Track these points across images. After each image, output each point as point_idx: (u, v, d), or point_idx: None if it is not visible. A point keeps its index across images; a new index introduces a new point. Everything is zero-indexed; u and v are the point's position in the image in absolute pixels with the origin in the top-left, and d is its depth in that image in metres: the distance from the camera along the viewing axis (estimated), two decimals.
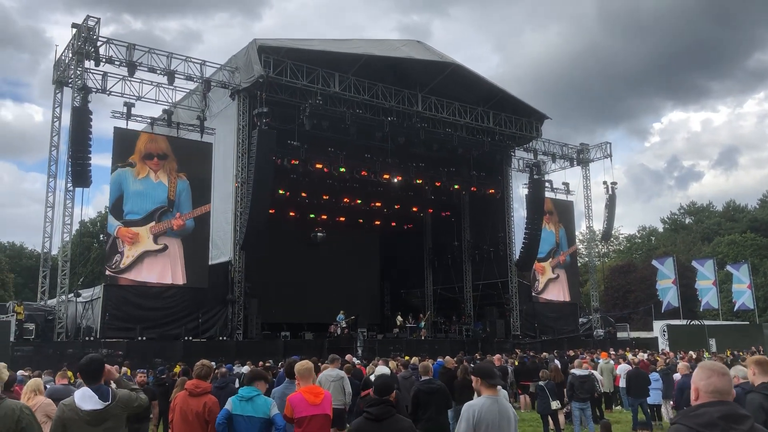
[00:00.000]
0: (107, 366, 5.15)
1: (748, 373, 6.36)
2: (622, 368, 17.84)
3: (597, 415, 15.44)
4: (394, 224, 40.22)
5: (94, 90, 23.93)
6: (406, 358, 19.35)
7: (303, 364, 6.92)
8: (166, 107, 25.98)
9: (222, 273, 25.49)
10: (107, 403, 4.81)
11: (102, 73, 24.33)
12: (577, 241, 40.68)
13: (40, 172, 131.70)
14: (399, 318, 33.43)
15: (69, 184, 23.94)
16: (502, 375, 13.75)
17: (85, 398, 4.80)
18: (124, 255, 23.71)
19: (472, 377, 5.40)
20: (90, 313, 25.06)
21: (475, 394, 5.45)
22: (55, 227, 25.17)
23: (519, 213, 34.97)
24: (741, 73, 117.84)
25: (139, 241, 23.98)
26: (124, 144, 24.38)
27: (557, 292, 35.87)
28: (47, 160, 26.15)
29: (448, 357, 15.73)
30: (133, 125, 25.10)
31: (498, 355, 20.09)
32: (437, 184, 33.79)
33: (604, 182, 37.37)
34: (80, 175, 22.73)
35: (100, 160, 70.85)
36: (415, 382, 9.72)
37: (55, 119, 25.94)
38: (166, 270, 24.26)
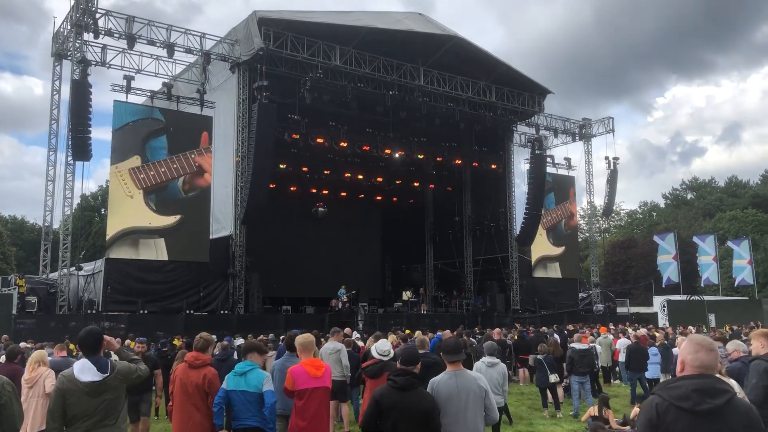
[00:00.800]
0: (107, 337, 5.18)
1: (754, 345, 6.39)
2: (621, 343, 17.94)
3: (596, 389, 15.57)
4: (395, 199, 40.18)
5: (94, 63, 23.75)
6: (407, 331, 19.46)
7: (305, 337, 6.96)
8: (166, 80, 25.78)
9: (223, 247, 25.54)
10: (106, 375, 4.84)
11: (101, 45, 24.12)
12: (578, 216, 40.65)
13: (40, 145, 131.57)
14: (407, 293, 33.35)
15: (69, 158, 23.93)
16: (501, 349, 13.87)
17: (84, 370, 4.84)
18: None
19: None
20: (92, 286, 25.18)
21: None
22: (56, 201, 25.26)
23: (520, 188, 34.92)
24: (747, 46, 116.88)
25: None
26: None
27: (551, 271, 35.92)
28: (47, 133, 26.13)
29: (447, 331, 15.84)
30: (132, 98, 24.94)
31: (497, 329, 20.18)
32: (439, 159, 33.65)
33: (606, 157, 37.22)
34: (80, 149, 22.69)
35: (101, 133, 70.59)
36: None
37: (55, 92, 25.85)
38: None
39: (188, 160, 25.00)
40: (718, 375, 3.31)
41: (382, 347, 8.66)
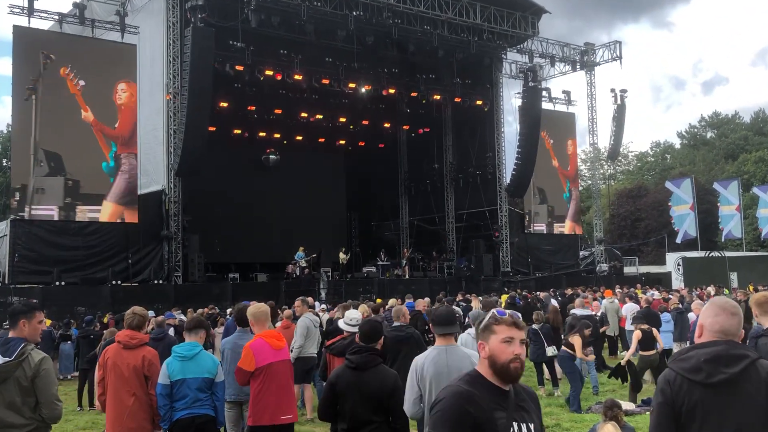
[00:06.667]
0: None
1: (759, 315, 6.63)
2: (628, 308, 18.33)
3: (600, 362, 15.98)
4: (362, 144, 40.04)
5: None
6: (378, 301, 19.68)
7: (257, 307, 7.29)
8: (78, 0, 25.13)
9: (154, 204, 25.40)
10: (7, 359, 4.87)
11: None
12: (579, 160, 41.11)
13: None
14: (342, 254, 32.32)
15: None
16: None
17: None
18: None
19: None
20: None
21: None
22: None
23: (512, 128, 35.07)
24: None
25: None
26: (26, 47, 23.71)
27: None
28: None
29: (419, 299, 16.08)
30: (36, 23, 24.34)
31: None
32: (413, 94, 33.54)
33: (612, 90, 37.51)
34: None
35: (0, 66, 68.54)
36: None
37: None
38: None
39: None
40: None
41: (350, 316, 8.78)
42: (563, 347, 13.11)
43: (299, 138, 37.28)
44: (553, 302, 19.75)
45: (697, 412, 3.29)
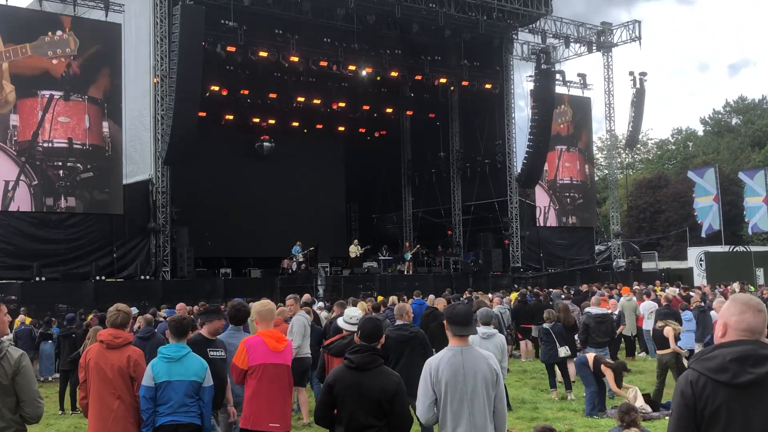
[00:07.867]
0: None
1: None
2: (646, 306, 18.35)
3: None
4: (363, 130, 40.02)
5: None
6: (380, 298, 19.74)
7: (263, 304, 7.35)
8: None
9: (141, 195, 25.48)
10: None
11: None
12: (594, 148, 41.08)
13: None
14: (354, 247, 33.01)
15: None
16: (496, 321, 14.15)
17: None
18: None
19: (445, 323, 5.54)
20: None
21: None
22: None
23: (523, 113, 35.01)
24: None
25: None
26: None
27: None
28: None
29: (438, 298, 16.11)
30: (15, 1, 24.32)
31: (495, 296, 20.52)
32: (418, 77, 33.50)
33: (631, 72, 37.43)
34: None
35: None
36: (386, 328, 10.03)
37: None
38: None
39: None
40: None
41: (350, 314, 8.80)
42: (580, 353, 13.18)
43: (295, 124, 37.24)
44: (562, 297, 19.78)
45: (721, 413, 3.30)
